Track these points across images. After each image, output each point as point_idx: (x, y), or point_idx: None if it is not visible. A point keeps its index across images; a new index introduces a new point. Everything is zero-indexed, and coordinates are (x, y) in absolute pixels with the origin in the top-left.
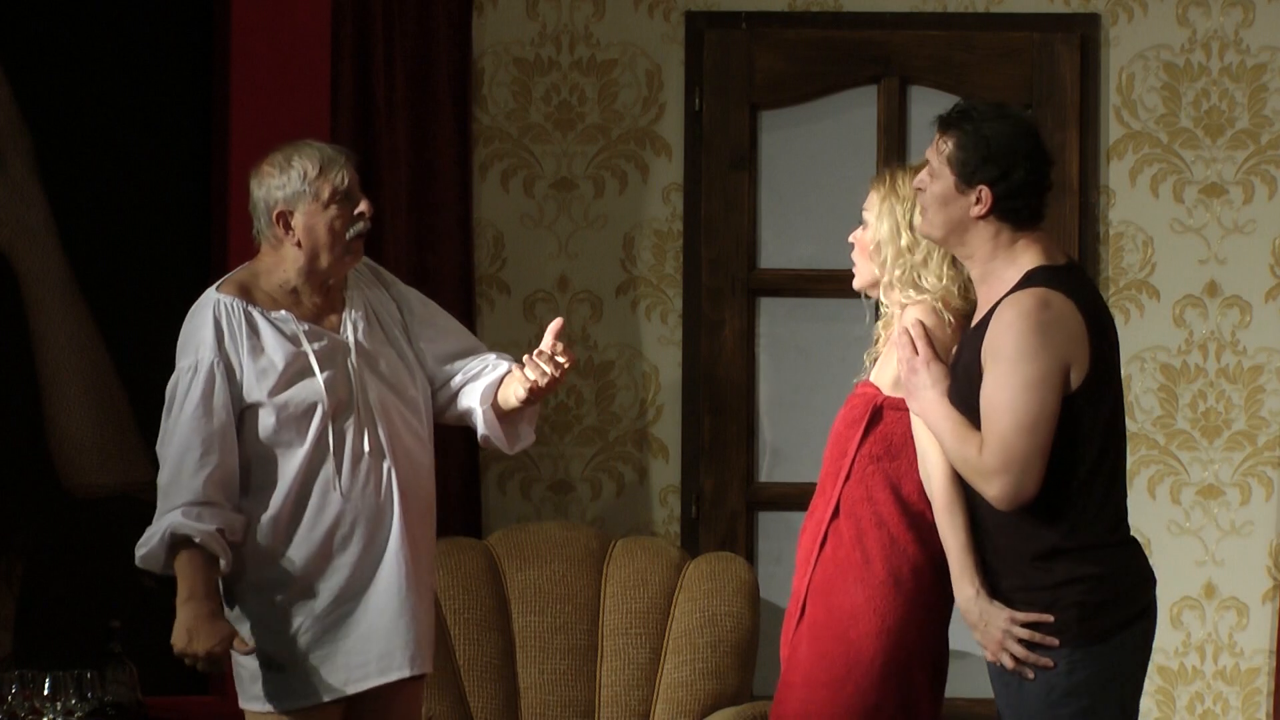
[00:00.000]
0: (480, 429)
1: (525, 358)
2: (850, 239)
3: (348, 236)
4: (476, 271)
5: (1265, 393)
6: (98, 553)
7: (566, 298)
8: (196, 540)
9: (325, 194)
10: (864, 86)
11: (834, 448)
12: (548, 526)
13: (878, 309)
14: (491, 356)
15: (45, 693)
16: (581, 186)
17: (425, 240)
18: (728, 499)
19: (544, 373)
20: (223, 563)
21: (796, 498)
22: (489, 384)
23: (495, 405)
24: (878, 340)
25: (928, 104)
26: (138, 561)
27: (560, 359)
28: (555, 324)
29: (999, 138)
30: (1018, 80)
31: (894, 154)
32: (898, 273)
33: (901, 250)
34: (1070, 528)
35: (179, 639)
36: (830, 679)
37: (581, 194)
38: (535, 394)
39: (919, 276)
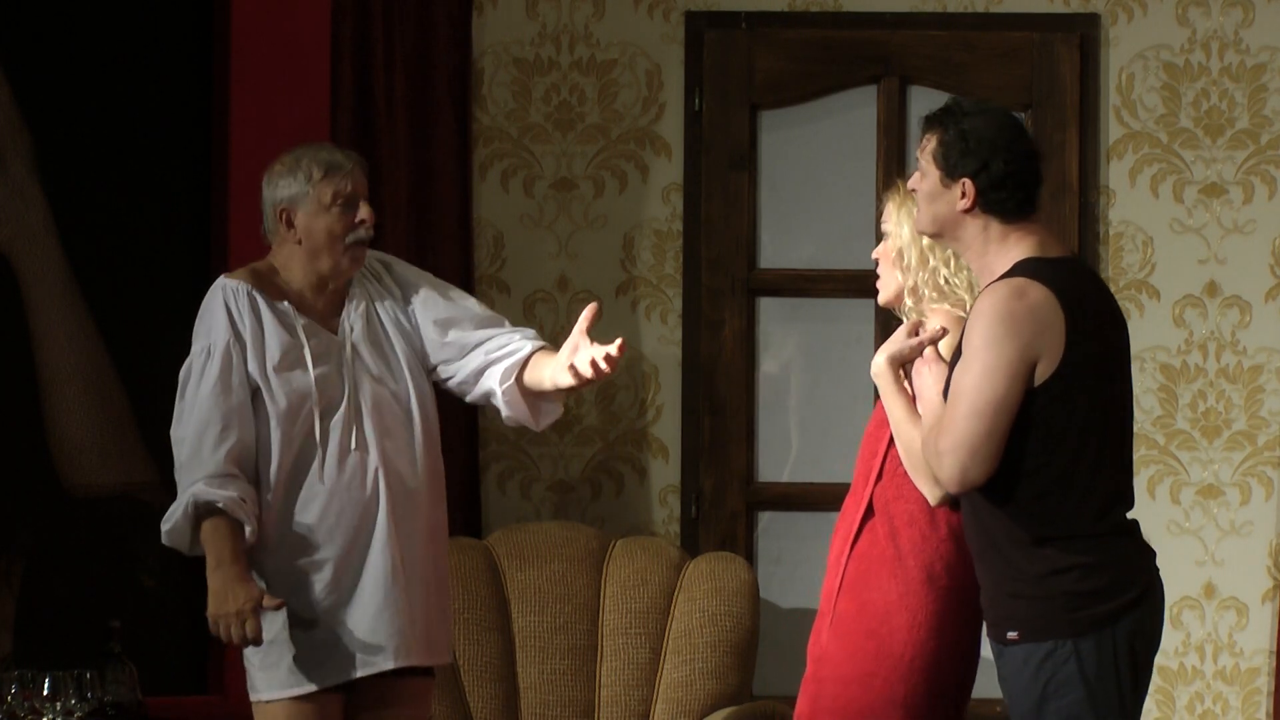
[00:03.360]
0: (504, 410)
1: (574, 345)
2: (873, 255)
3: (346, 242)
4: (476, 271)
5: (1265, 393)
6: (98, 553)
7: (566, 298)
8: (220, 505)
9: (327, 197)
10: (864, 86)
11: (865, 448)
12: (548, 526)
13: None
14: (516, 335)
15: (45, 693)
16: (581, 186)
17: (425, 240)
18: (727, 499)
19: (599, 369)
20: (248, 530)
21: (796, 497)
22: (509, 366)
23: (520, 384)
24: None
25: (928, 104)
26: (164, 539)
27: (613, 352)
28: (590, 310)
29: (978, 131)
30: (1018, 80)
31: (894, 154)
32: (924, 275)
33: (925, 251)
34: (1052, 517)
35: (213, 604)
36: (859, 675)
37: (581, 194)
38: (582, 384)
39: (943, 277)
